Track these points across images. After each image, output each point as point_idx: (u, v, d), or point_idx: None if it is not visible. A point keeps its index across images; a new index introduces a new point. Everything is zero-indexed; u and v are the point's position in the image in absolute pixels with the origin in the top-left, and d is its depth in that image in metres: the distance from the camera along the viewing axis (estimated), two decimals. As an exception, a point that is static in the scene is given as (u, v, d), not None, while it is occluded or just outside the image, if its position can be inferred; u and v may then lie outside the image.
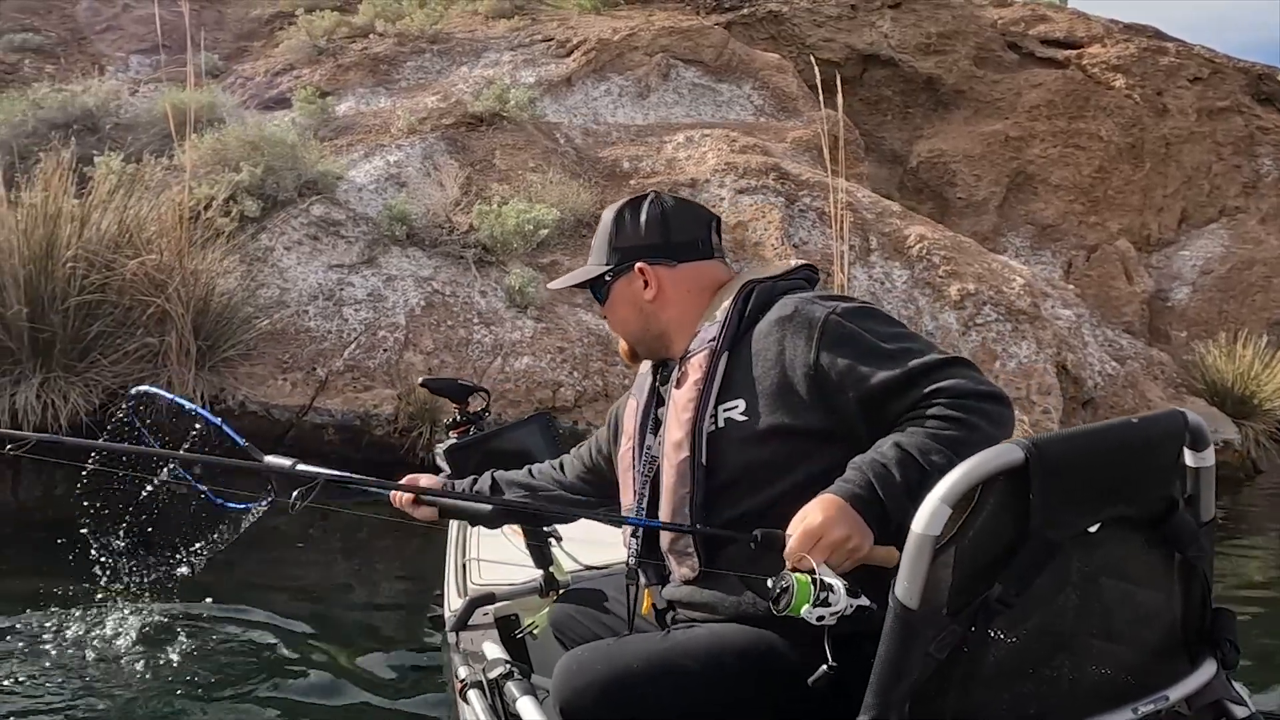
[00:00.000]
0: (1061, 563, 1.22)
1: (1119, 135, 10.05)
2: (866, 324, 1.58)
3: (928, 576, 1.16)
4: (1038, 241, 9.99)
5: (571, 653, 1.71)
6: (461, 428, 2.72)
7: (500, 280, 6.33)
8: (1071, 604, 1.24)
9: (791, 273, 1.80)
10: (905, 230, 7.35)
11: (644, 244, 1.82)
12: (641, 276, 1.81)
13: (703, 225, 1.85)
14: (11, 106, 8.10)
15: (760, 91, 8.92)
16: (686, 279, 1.80)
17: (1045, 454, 1.17)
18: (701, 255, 1.83)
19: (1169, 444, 1.34)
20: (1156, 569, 1.34)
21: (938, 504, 1.15)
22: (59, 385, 5.64)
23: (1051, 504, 1.18)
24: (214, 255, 6.00)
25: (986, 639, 1.19)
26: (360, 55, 8.97)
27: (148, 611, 3.71)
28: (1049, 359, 7.03)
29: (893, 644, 1.18)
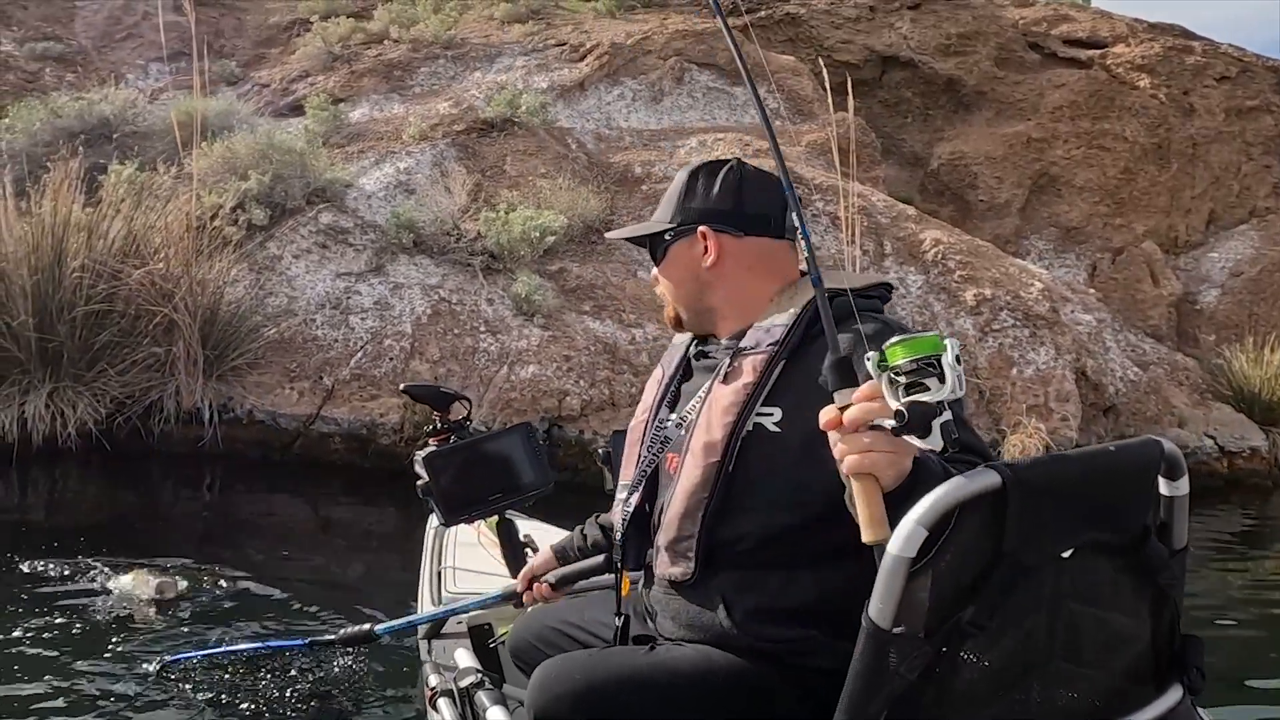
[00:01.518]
0: (1034, 587, 1.23)
1: (1144, 136, 9.86)
2: None
3: (901, 597, 1.16)
4: (1061, 244, 9.82)
5: (551, 660, 1.68)
6: (442, 435, 2.64)
7: (507, 288, 6.29)
8: (1043, 628, 1.24)
9: (872, 288, 1.67)
10: (920, 234, 7.23)
11: (712, 208, 1.70)
12: (703, 241, 1.69)
13: (778, 201, 1.71)
14: (30, 115, 8.17)
15: (775, 95, 8.83)
16: (750, 254, 1.69)
17: (1022, 479, 1.18)
18: (772, 233, 1.70)
19: (1145, 472, 1.34)
20: (1127, 595, 1.35)
21: (914, 526, 1.15)
22: (67, 395, 5.66)
23: (1027, 529, 1.19)
24: (222, 264, 6.00)
25: (958, 660, 1.19)
26: (374, 61, 8.98)
27: (131, 610, 3.72)
28: (1068, 365, 6.89)
29: (864, 663, 1.18)
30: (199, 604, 3.87)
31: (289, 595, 4.16)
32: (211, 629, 3.66)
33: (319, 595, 4.32)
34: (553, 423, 5.75)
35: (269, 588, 4.17)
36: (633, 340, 6.22)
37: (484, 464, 2.40)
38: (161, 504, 5.66)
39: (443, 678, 2.09)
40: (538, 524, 2.87)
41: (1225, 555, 5.78)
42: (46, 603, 3.82)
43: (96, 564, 4.19)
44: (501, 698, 1.92)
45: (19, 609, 3.75)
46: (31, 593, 3.89)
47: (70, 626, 3.58)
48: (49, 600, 3.85)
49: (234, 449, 5.84)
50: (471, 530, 2.76)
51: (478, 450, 2.43)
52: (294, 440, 5.90)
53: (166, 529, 5.09)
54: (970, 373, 6.63)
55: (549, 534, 2.74)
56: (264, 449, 5.91)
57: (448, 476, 2.31)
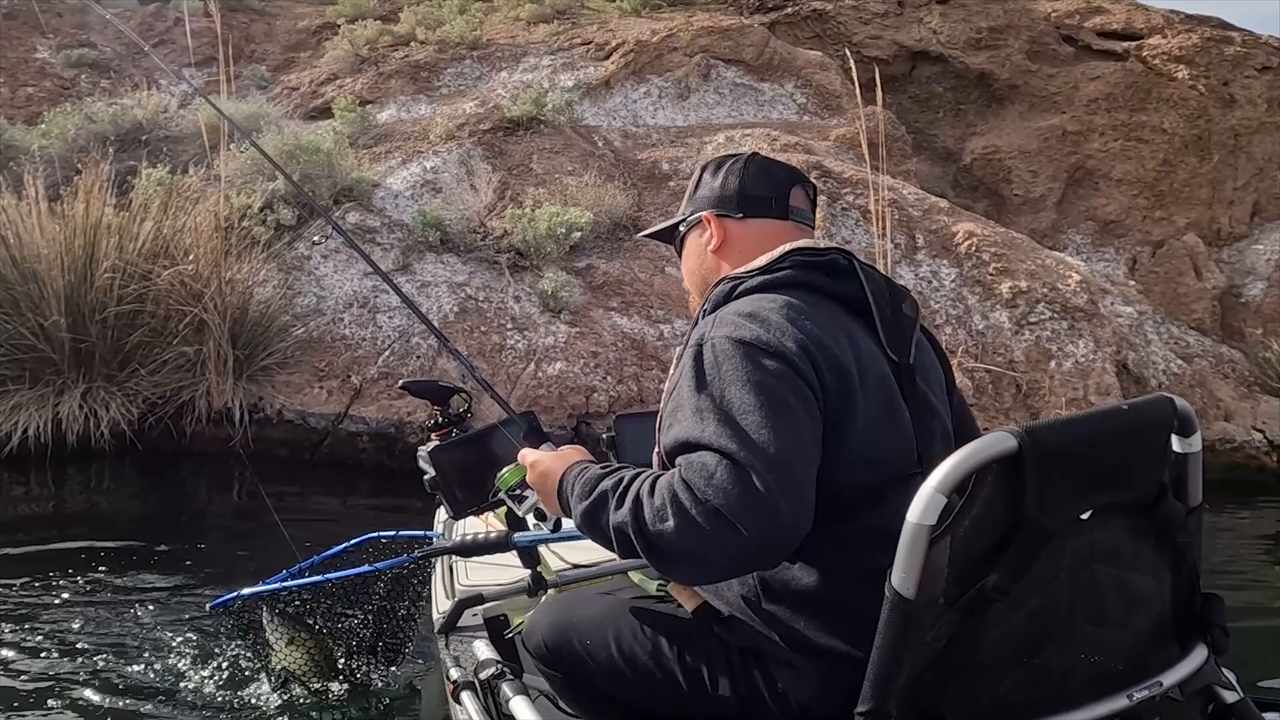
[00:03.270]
0: (1055, 550, 1.23)
1: (1184, 127, 9.63)
2: (723, 368, 1.39)
3: (924, 566, 1.16)
4: (1100, 238, 9.61)
5: (552, 596, 1.84)
6: (443, 430, 2.65)
7: (534, 285, 6.25)
8: (1065, 591, 1.25)
9: (777, 263, 1.57)
10: (953, 227, 7.11)
11: (716, 195, 1.75)
12: (709, 226, 1.74)
13: (780, 184, 1.75)
14: (65, 121, 8.28)
15: (803, 90, 8.74)
16: (750, 235, 1.70)
17: (1038, 442, 1.18)
18: (775, 214, 1.72)
19: (1158, 430, 1.35)
20: (1147, 555, 1.35)
21: (932, 493, 1.15)
22: (100, 395, 5.71)
23: (1045, 491, 1.19)
24: (251, 264, 6.03)
25: (983, 627, 1.20)
26: (401, 63, 9.00)
27: (153, 611, 3.74)
28: (1108, 358, 6.73)
29: (890, 634, 1.18)
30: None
31: None
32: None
33: None
34: (580, 419, 5.70)
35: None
36: (660, 336, 6.16)
37: (489, 455, 2.34)
38: (193, 503, 5.70)
39: (463, 671, 2.09)
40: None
41: (1277, 550, 5.62)
42: (84, 596, 3.87)
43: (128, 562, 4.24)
44: (523, 688, 1.91)
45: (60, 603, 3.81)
46: (69, 588, 3.94)
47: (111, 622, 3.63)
48: (87, 594, 3.90)
49: (264, 448, 5.85)
50: (480, 522, 2.75)
51: (481, 441, 2.39)
52: (323, 439, 5.90)
53: (198, 527, 5.12)
54: (1007, 366, 6.50)
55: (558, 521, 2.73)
56: (293, 448, 5.92)
57: (454, 469, 2.28)
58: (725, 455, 1.30)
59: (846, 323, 1.52)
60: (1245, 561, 5.38)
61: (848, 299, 1.55)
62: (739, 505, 1.27)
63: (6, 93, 9.72)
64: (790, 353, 1.39)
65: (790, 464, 1.30)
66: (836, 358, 1.43)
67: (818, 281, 1.54)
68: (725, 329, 1.44)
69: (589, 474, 1.51)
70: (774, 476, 1.28)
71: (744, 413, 1.34)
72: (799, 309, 1.46)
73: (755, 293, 1.53)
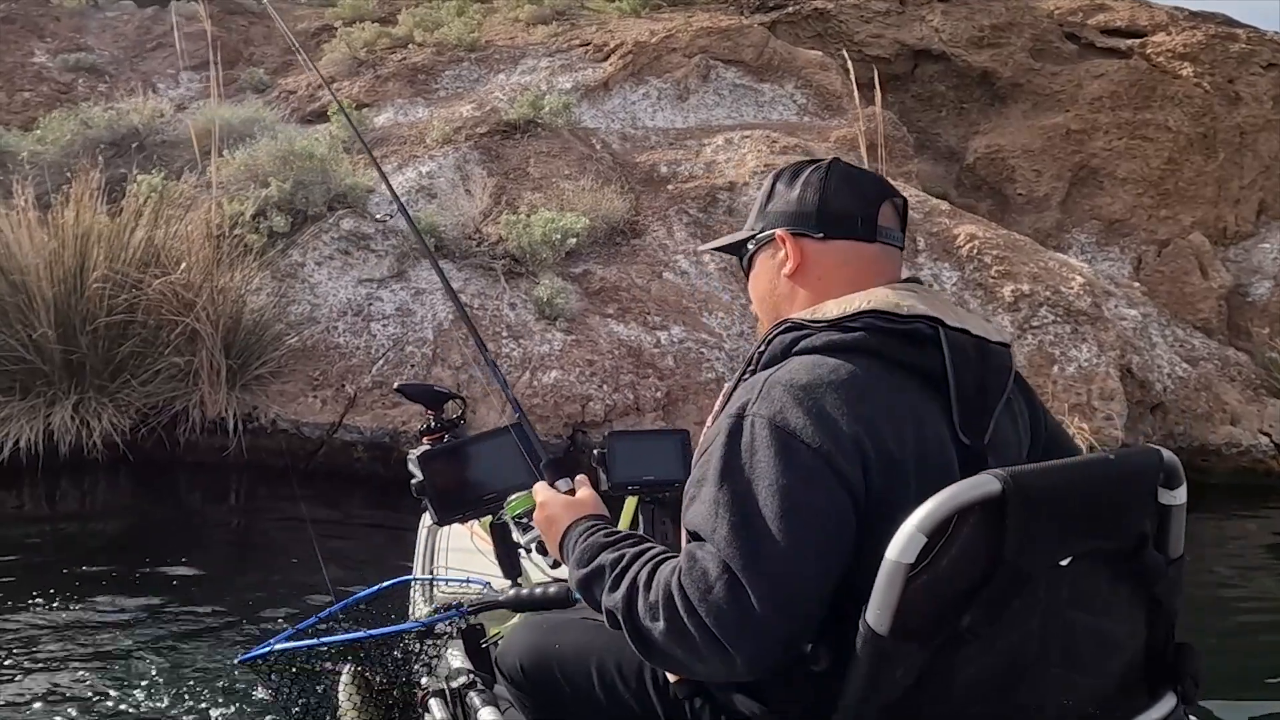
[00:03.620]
0: (1032, 594, 1.22)
1: (1189, 125, 9.53)
2: (756, 458, 1.27)
3: (899, 603, 1.16)
4: (1104, 237, 9.52)
5: (533, 616, 1.82)
6: (435, 435, 2.60)
7: (530, 292, 6.19)
8: (1039, 635, 1.24)
9: (850, 320, 1.37)
10: (954, 229, 7.03)
11: (792, 210, 1.54)
12: (783, 246, 1.53)
13: (868, 201, 1.52)
14: (61, 126, 8.23)
15: (803, 90, 8.66)
16: (831, 259, 1.50)
17: (1022, 486, 1.18)
18: (861, 235, 1.50)
19: (1144, 481, 1.35)
20: (1123, 603, 1.35)
21: (913, 532, 1.15)
22: (92, 406, 5.65)
23: (1026, 536, 1.19)
24: (244, 272, 5.97)
25: (954, 666, 1.19)
26: (399, 66, 8.94)
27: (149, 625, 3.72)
28: (1112, 362, 6.65)
29: (862, 668, 1.18)
30: (226, 612, 3.86)
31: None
32: (242, 638, 3.65)
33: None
34: (576, 429, 5.63)
35: (295, 596, 4.15)
36: (658, 343, 6.09)
37: (478, 463, 2.33)
38: (188, 514, 5.64)
39: (434, 678, 2.09)
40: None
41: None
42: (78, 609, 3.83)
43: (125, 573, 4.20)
44: (493, 699, 1.90)
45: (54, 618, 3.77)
46: (63, 602, 3.90)
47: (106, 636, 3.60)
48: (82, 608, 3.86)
49: (258, 458, 5.80)
50: (464, 530, 2.75)
51: (472, 449, 2.36)
52: (318, 449, 5.85)
53: (193, 539, 5.08)
54: (1009, 372, 6.42)
55: None
56: (288, 458, 5.86)
57: (441, 476, 2.26)
58: (729, 568, 1.23)
59: (915, 401, 1.34)
60: (1253, 567, 5.31)
61: (926, 372, 1.36)
62: (731, 628, 1.21)
63: (3, 98, 9.68)
64: (832, 452, 1.26)
65: (795, 587, 1.23)
66: (889, 451, 1.29)
67: (891, 352, 1.35)
68: (771, 407, 1.29)
69: (592, 540, 1.45)
70: (774, 601, 1.21)
71: (763, 519, 1.24)
72: (859, 388, 1.30)
73: (818, 353, 1.35)
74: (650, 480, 2.42)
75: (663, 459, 2.45)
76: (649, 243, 6.78)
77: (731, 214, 7.07)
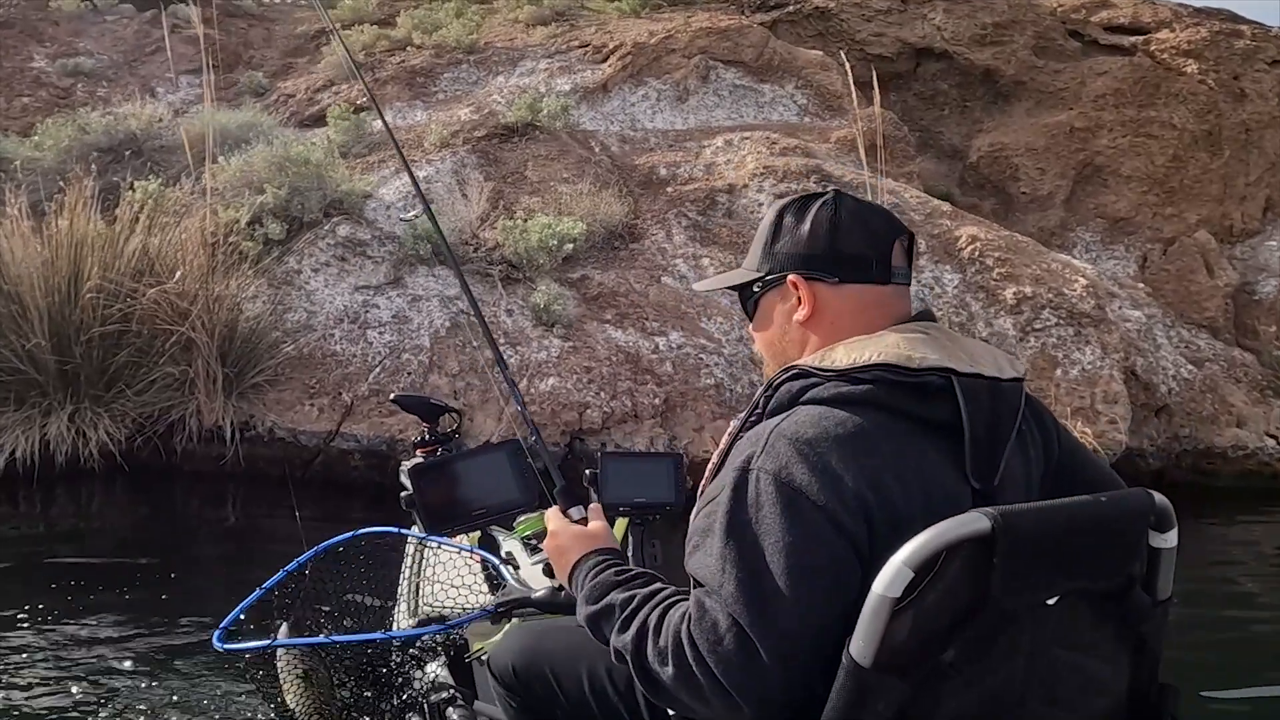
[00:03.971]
0: (1016, 632, 1.23)
1: (1194, 122, 9.45)
2: (762, 514, 1.27)
3: (883, 636, 1.17)
4: (1109, 236, 9.45)
5: (531, 620, 1.85)
6: (429, 447, 2.62)
7: (527, 298, 6.14)
8: (1022, 671, 1.25)
9: (860, 373, 1.35)
10: (956, 231, 6.97)
11: (804, 252, 1.47)
12: (795, 292, 1.48)
13: (881, 240, 1.48)
14: (58, 132, 8.20)
15: (804, 91, 8.59)
16: (847, 305, 1.45)
17: (1011, 525, 1.19)
18: (875, 278, 1.46)
19: (1135, 523, 1.35)
20: (1108, 643, 1.36)
21: (900, 567, 1.16)
22: (88, 416, 5.63)
23: (1013, 575, 1.20)
24: (239, 280, 5.94)
25: (936, 701, 1.20)
26: (397, 69, 8.89)
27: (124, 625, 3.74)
28: (1115, 364, 6.59)
29: (841, 701, 1.19)
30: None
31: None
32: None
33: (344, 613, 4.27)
34: (574, 436, 5.59)
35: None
36: (656, 349, 6.04)
37: (469, 478, 2.31)
38: (186, 523, 5.62)
39: (413, 692, 2.10)
40: (519, 542, 2.80)
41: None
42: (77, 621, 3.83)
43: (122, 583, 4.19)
44: (473, 714, 1.92)
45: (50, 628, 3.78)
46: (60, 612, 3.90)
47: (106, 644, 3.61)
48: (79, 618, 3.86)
49: (256, 467, 5.77)
50: (453, 545, 2.69)
51: (464, 464, 2.35)
52: (314, 457, 5.82)
53: (191, 548, 5.07)
54: (1011, 375, 6.36)
55: (530, 552, 2.68)
56: (285, 466, 5.83)
57: (432, 489, 2.23)
58: (737, 622, 1.24)
59: (924, 451, 1.32)
60: (1259, 574, 5.25)
61: (936, 423, 1.34)
62: (739, 679, 1.23)
63: (2, 103, 9.66)
64: (838, 510, 1.25)
65: (801, 641, 1.24)
66: (895, 505, 1.28)
67: (900, 404, 1.33)
68: (776, 462, 1.28)
69: (603, 578, 1.47)
70: (780, 654, 1.23)
71: (770, 576, 1.25)
72: (865, 442, 1.29)
73: (825, 404, 1.33)
74: (641, 502, 2.40)
75: (654, 482, 2.43)
76: (648, 247, 6.74)
77: (731, 216, 7.02)
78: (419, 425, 2.76)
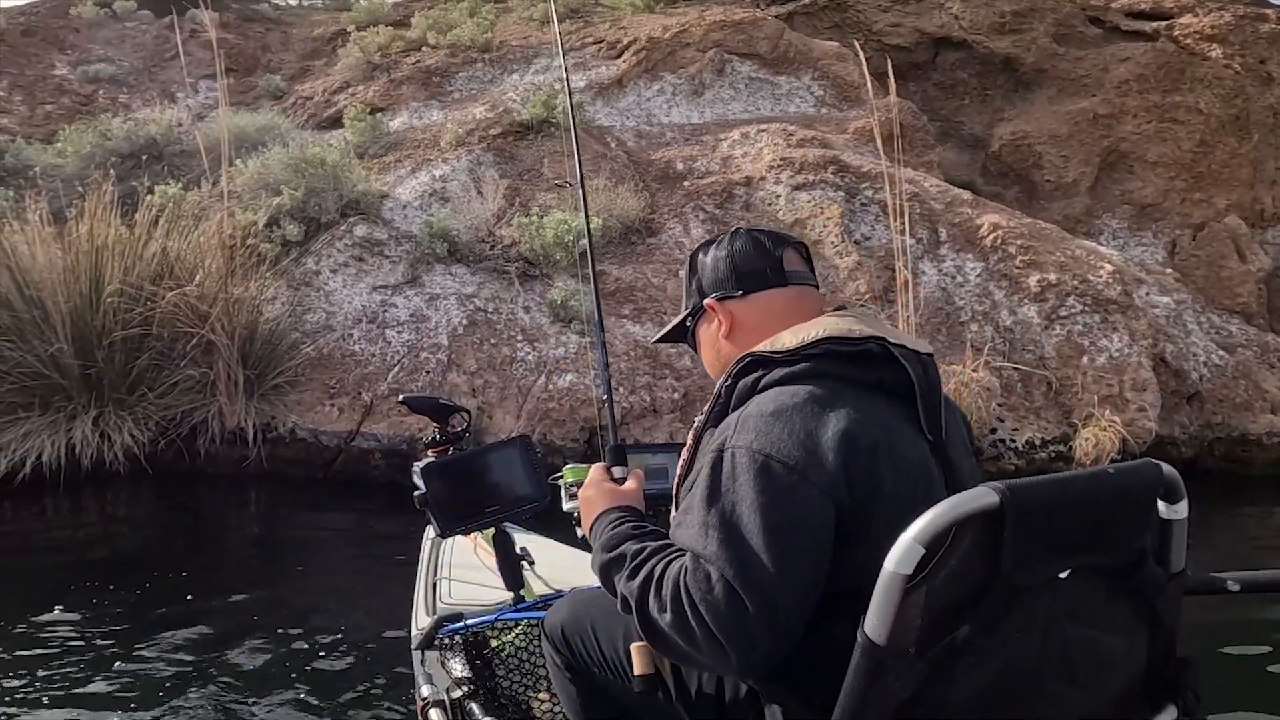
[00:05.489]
0: (1029, 607, 1.24)
1: (1220, 107, 9.29)
2: (738, 483, 1.39)
3: (897, 614, 1.17)
4: (1137, 223, 9.32)
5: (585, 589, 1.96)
6: (440, 447, 2.59)
7: (544, 294, 6.12)
8: (1036, 648, 1.26)
9: (808, 349, 1.50)
10: (977, 219, 6.87)
11: (712, 280, 1.73)
12: (715, 314, 1.72)
13: (770, 252, 1.71)
14: (80, 138, 8.28)
15: (820, 82, 8.51)
16: (755, 310, 1.68)
17: (1020, 499, 1.19)
18: (772, 284, 1.69)
19: (1143, 495, 1.35)
20: (1123, 617, 1.36)
21: (910, 543, 1.16)
22: (111, 419, 5.66)
23: (1024, 549, 1.20)
24: (258, 282, 5.95)
25: (951, 679, 1.21)
26: (413, 69, 8.90)
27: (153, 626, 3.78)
28: (1144, 351, 6.47)
29: (857, 680, 1.19)
30: (249, 621, 3.89)
31: (336, 614, 4.17)
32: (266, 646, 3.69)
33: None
34: (594, 432, 5.56)
35: (317, 608, 4.19)
36: (674, 344, 6.00)
37: (481, 476, 2.39)
38: (211, 525, 5.65)
39: (434, 688, 2.10)
40: (534, 537, 2.85)
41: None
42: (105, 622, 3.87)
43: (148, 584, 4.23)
44: (493, 708, 1.94)
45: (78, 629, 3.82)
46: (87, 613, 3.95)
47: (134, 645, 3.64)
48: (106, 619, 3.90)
49: (278, 468, 5.79)
50: (468, 542, 2.77)
51: (475, 462, 2.41)
52: (335, 457, 5.82)
53: (216, 550, 5.09)
54: (1037, 363, 6.27)
55: (545, 547, 2.77)
56: (306, 467, 5.85)
57: (445, 488, 2.30)
58: (723, 578, 1.34)
59: (880, 410, 1.47)
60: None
61: (883, 386, 1.50)
62: (729, 628, 1.32)
63: (25, 111, 9.76)
64: (808, 466, 1.37)
65: (783, 592, 1.33)
66: (860, 450, 1.39)
67: (848, 373, 1.48)
68: (747, 436, 1.41)
69: (620, 530, 1.57)
70: (764, 605, 1.32)
71: (749, 535, 1.36)
72: (825, 404, 1.43)
73: (780, 384, 1.48)
74: (652, 493, 2.40)
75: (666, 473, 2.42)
76: (665, 241, 6.69)
77: (749, 209, 6.96)
78: (428, 426, 2.76)
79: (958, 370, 5.77)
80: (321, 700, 3.29)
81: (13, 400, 5.55)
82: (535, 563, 2.56)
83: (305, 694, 3.32)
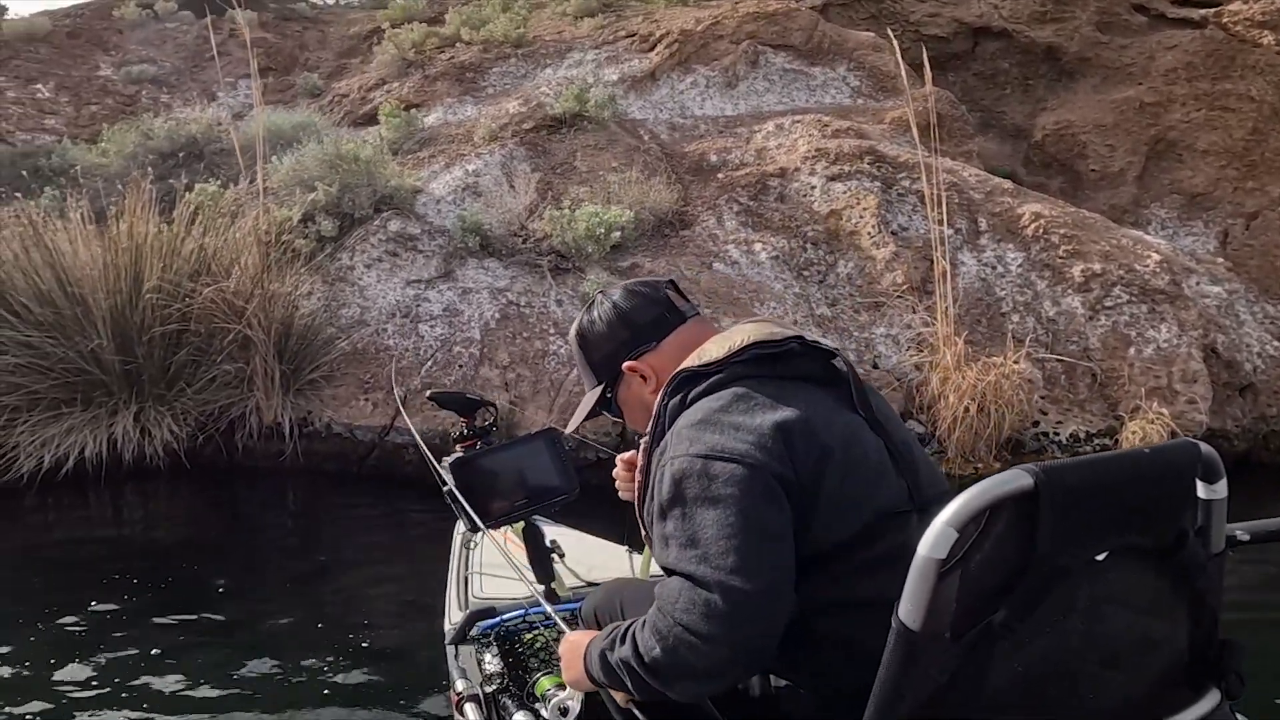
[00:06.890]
0: (1067, 590, 1.23)
1: (1273, 94, 9.04)
2: (684, 486, 1.45)
3: (931, 599, 1.16)
4: (1186, 212, 9.09)
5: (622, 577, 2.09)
6: (468, 441, 2.63)
7: (576, 287, 6.09)
8: (1076, 631, 1.25)
9: (735, 356, 1.57)
10: (1018, 209, 6.73)
11: (617, 345, 1.76)
12: (636, 374, 1.74)
13: (656, 298, 1.79)
14: (123, 138, 8.41)
15: (856, 73, 8.40)
16: (669, 353, 1.72)
17: (1055, 481, 1.17)
18: (673, 324, 1.76)
19: (1181, 475, 1.33)
20: (1164, 599, 1.35)
21: (943, 527, 1.15)
22: (151, 415, 5.73)
23: (1059, 531, 1.19)
24: (294, 277, 5.99)
25: (988, 663, 1.20)
26: (447, 65, 8.93)
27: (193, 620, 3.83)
28: (1194, 342, 6.29)
29: (893, 665, 1.19)
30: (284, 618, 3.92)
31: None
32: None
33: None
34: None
35: (353, 601, 4.22)
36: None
37: (510, 470, 2.39)
38: (248, 521, 5.70)
39: (469, 683, 2.12)
40: (564, 529, 2.85)
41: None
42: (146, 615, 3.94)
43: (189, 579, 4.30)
44: (527, 702, 1.94)
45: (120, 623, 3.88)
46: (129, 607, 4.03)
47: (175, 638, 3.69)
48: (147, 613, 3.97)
49: (313, 463, 5.82)
50: (498, 535, 2.71)
51: (504, 456, 2.42)
52: (370, 452, 5.84)
53: (253, 545, 5.13)
54: (1081, 354, 6.13)
55: (575, 539, 2.78)
56: (342, 461, 5.87)
57: (474, 482, 2.30)
58: (688, 578, 1.39)
59: (808, 394, 1.54)
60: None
61: (811, 378, 1.58)
62: (702, 624, 1.36)
63: (72, 111, 9.95)
64: (745, 452, 1.42)
65: (747, 576, 1.36)
66: (796, 428, 1.46)
67: (773, 371, 1.56)
68: (686, 445, 1.47)
69: (606, 634, 1.61)
70: (732, 592, 1.35)
71: (704, 529, 1.40)
72: (752, 397, 1.50)
73: (706, 394, 1.54)
74: None
75: None
76: (698, 233, 6.63)
77: (783, 200, 6.88)
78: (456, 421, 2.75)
79: (998, 362, 5.65)
80: (358, 693, 3.30)
81: (56, 396, 5.63)
82: (565, 555, 2.56)
83: (341, 688, 3.34)
